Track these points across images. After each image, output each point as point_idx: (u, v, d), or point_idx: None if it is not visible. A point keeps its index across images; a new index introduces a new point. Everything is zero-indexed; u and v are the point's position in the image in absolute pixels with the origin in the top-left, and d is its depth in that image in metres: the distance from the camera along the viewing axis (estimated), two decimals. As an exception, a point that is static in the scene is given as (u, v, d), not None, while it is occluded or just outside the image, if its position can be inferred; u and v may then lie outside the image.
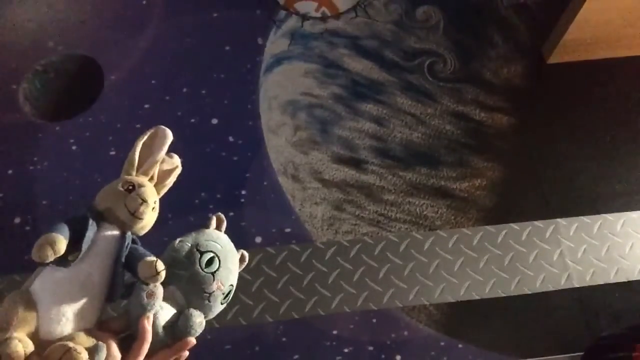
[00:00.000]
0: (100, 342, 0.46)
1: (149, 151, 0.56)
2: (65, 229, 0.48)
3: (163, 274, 0.50)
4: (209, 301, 0.54)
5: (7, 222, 1.45)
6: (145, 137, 0.56)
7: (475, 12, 1.85)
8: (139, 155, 0.56)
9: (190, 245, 0.55)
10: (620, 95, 1.71)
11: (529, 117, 1.68)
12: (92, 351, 0.45)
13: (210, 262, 0.54)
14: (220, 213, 0.61)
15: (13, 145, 1.59)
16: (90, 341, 0.47)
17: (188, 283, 0.53)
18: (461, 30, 1.81)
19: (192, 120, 1.63)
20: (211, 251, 0.55)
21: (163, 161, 0.58)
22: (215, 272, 0.54)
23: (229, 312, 1.34)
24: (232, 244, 0.59)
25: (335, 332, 1.37)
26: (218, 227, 0.61)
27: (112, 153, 1.56)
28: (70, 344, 0.44)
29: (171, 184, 0.59)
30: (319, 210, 1.52)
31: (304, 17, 1.81)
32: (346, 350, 1.35)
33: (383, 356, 1.36)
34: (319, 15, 1.81)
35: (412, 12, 1.84)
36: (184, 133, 1.60)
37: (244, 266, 0.61)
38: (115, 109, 1.64)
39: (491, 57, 1.77)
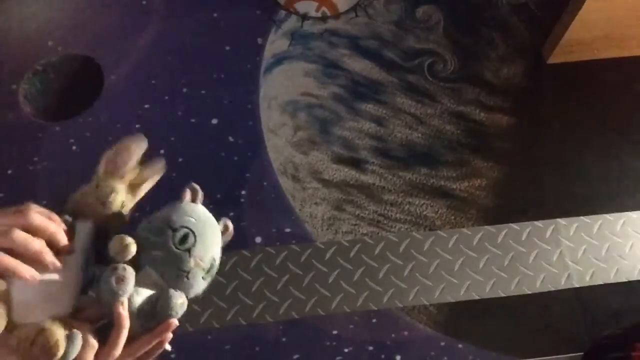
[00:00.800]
0: (75, 330, 0.45)
1: (115, 165, 0.56)
2: None
3: (133, 247, 0.48)
4: (188, 279, 0.51)
5: (7, 222, 1.45)
6: (107, 156, 0.56)
7: (475, 12, 1.85)
8: (107, 171, 0.56)
9: (160, 223, 0.52)
10: (621, 95, 1.71)
11: (529, 117, 1.68)
12: (68, 338, 0.44)
13: (184, 238, 0.51)
14: (194, 183, 0.58)
15: (13, 145, 1.59)
16: (65, 331, 0.46)
17: (163, 263, 0.51)
18: (461, 30, 1.81)
19: (192, 120, 1.63)
20: (184, 227, 0.52)
21: (144, 169, 0.57)
22: (190, 248, 0.51)
23: (229, 312, 1.34)
24: (209, 216, 0.56)
25: (335, 332, 1.37)
26: (193, 200, 0.57)
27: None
28: (46, 324, 0.44)
29: (148, 189, 0.58)
30: (319, 210, 1.52)
31: (304, 17, 1.81)
32: (346, 350, 1.36)
33: (383, 356, 1.36)
34: (319, 15, 1.81)
35: (412, 12, 1.84)
36: (184, 133, 1.60)
37: (229, 237, 0.58)
38: (115, 109, 1.64)
39: (491, 57, 1.77)
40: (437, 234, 1.47)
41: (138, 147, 0.56)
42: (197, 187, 0.58)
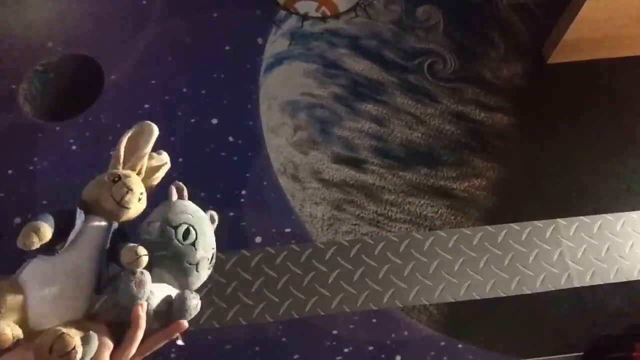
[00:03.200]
0: (91, 332, 0.46)
1: (136, 147, 0.56)
2: (50, 219, 0.48)
3: (145, 259, 0.49)
4: (197, 271, 0.54)
5: (7, 222, 1.45)
6: (131, 133, 0.56)
7: (475, 12, 1.85)
8: (126, 151, 0.56)
9: (160, 223, 0.54)
10: (620, 96, 1.71)
11: (529, 117, 1.68)
12: (84, 339, 0.45)
13: (186, 233, 0.53)
14: (177, 181, 0.59)
15: (13, 145, 1.59)
16: (80, 334, 0.46)
17: (172, 261, 0.52)
18: (461, 30, 1.81)
19: (192, 120, 1.63)
20: (184, 223, 0.54)
21: (151, 158, 0.58)
22: (194, 241, 0.53)
23: (229, 312, 1.34)
24: (200, 210, 0.58)
25: (335, 332, 1.37)
26: (180, 196, 0.59)
27: (112, 153, 1.56)
28: (63, 329, 0.44)
29: (160, 179, 0.59)
30: (319, 210, 1.52)
31: (304, 17, 1.81)
32: (346, 350, 1.35)
33: (383, 356, 1.36)
34: (319, 15, 1.81)
35: (412, 12, 1.84)
36: (184, 133, 1.60)
37: (215, 225, 0.60)
38: (115, 109, 1.64)
39: (491, 57, 1.77)
40: (437, 234, 1.47)
41: (155, 130, 0.57)
42: (182, 184, 0.59)
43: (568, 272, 1.42)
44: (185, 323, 0.52)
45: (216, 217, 0.60)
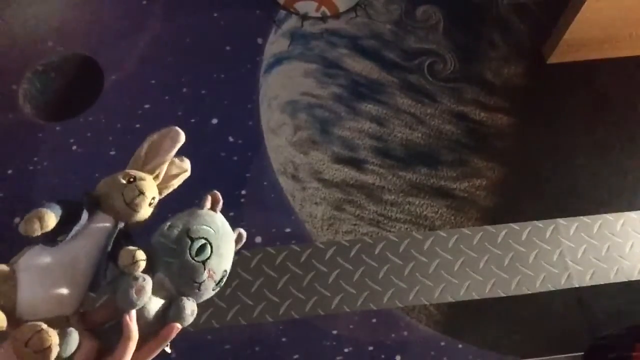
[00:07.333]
0: (70, 328, 0.45)
1: (158, 151, 0.55)
2: (57, 208, 0.47)
3: (143, 264, 0.48)
4: (200, 290, 0.52)
5: (7, 222, 1.45)
6: (156, 136, 0.55)
7: (475, 12, 1.85)
8: (147, 154, 0.54)
9: (180, 230, 0.52)
10: (620, 96, 1.71)
11: (529, 117, 1.68)
12: (62, 335, 0.44)
13: (201, 249, 0.52)
14: (216, 191, 0.57)
15: (13, 145, 1.59)
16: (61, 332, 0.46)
17: (178, 272, 0.51)
18: (461, 30, 1.81)
19: (192, 120, 1.63)
20: (203, 237, 0.52)
21: (172, 164, 0.56)
22: (206, 260, 0.52)
23: (229, 312, 1.34)
24: (227, 226, 0.56)
25: (335, 332, 1.37)
26: (213, 208, 0.57)
27: (112, 153, 1.56)
28: (43, 326, 0.43)
29: (176, 186, 0.58)
30: (319, 210, 1.52)
31: (304, 17, 1.81)
32: (346, 350, 1.36)
33: (383, 356, 1.36)
34: (319, 15, 1.81)
35: (412, 12, 1.84)
36: (184, 133, 1.60)
37: (241, 245, 0.58)
38: (115, 109, 1.64)
39: (491, 57, 1.77)
40: (437, 234, 1.47)
41: (182, 136, 0.56)
42: (219, 195, 0.58)
43: (568, 272, 1.42)
44: (178, 326, 0.51)
45: (244, 236, 0.58)
